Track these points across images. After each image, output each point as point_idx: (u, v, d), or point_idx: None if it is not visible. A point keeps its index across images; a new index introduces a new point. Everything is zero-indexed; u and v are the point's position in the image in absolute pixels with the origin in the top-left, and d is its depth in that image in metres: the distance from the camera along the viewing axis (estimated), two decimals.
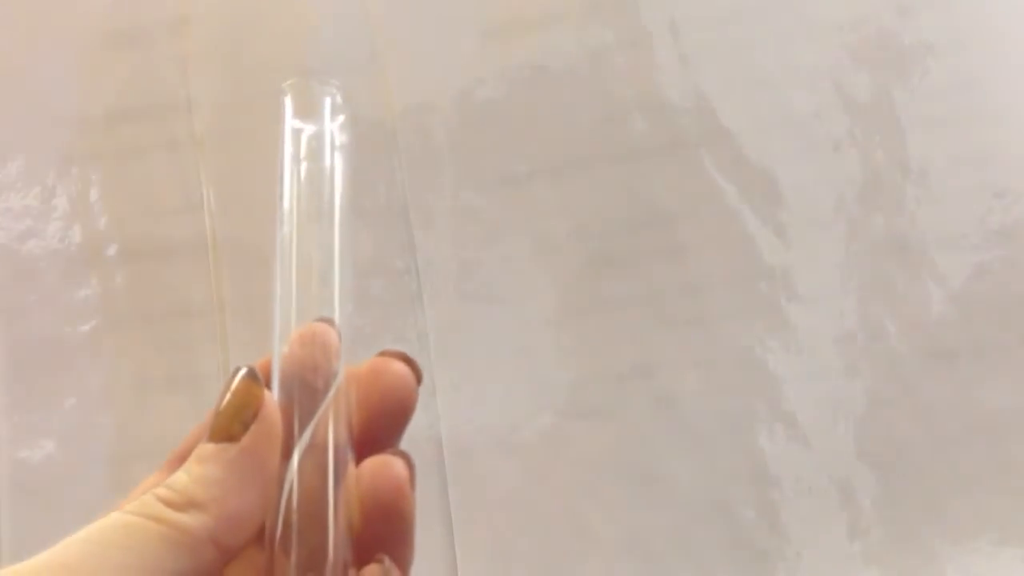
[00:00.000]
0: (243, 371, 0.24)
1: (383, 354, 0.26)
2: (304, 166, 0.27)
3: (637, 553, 0.43)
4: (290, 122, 0.27)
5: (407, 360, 0.26)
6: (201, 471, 0.23)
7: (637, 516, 0.43)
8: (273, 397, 0.24)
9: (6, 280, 0.47)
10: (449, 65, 0.49)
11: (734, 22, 0.49)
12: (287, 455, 0.24)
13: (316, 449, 0.24)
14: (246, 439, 0.23)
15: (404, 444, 0.26)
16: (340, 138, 0.27)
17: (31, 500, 0.44)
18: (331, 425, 0.25)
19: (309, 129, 0.27)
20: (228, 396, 0.24)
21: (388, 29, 0.49)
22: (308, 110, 0.27)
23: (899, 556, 0.42)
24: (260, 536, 0.24)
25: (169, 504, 0.22)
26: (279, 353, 0.25)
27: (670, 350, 0.45)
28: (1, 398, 0.46)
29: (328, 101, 0.27)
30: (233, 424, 0.23)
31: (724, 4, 0.49)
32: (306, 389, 0.25)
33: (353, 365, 0.26)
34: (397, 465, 0.25)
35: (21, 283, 0.47)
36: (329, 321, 0.25)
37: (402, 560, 0.25)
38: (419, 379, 0.26)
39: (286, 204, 0.26)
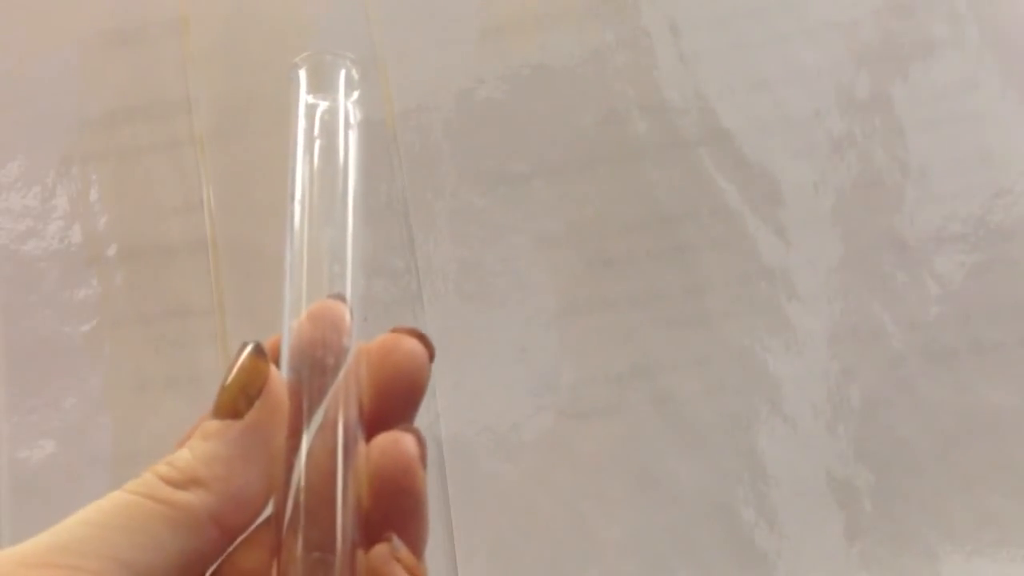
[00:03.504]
0: (250, 346, 0.23)
1: (395, 330, 0.26)
2: (318, 142, 0.26)
3: (637, 553, 0.43)
4: (304, 97, 0.26)
5: (419, 336, 0.25)
6: (204, 448, 0.22)
7: (637, 516, 0.43)
8: (280, 374, 0.24)
9: (6, 280, 0.47)
10: (449, 65, 0.49)
11: (734, 22, 0.49)
12: (295, 433, 0.23)
13: (326, 428, 0.24)
14: (251, 415, 0.23)
15: None
16: (355, 114, 0.26)
17: (31, 500, 0.44)
18: (341, 403, 0.24)
19: (323, 104, 0.26)
20: (234, 372, 0.23)
21: (388, 29, 0.49)
22: (322, 85, 0.26)
23: (898, 556, 0.42)
24: (266, 516, 0.23)
25: (170, 482, 0.22)
26: (289, 330, 0.24)
27: (670, 350, 0.45)
28: (1, 398, 0.46)
29: (343, 74, 0.26)
30: (238, 400, 0.23)
31: (724, 4, 0.49)
32: (316, 367, 0.24)
33: (364, 342, 0.25)
34: (407, 441, 0.24)
35: (21, 283, 0.47)
36: (340, 297, 0.25)
37: (414, 539, 0.24)
38: (431, 355, 0.26)
39: (298, 180, 0.26)
